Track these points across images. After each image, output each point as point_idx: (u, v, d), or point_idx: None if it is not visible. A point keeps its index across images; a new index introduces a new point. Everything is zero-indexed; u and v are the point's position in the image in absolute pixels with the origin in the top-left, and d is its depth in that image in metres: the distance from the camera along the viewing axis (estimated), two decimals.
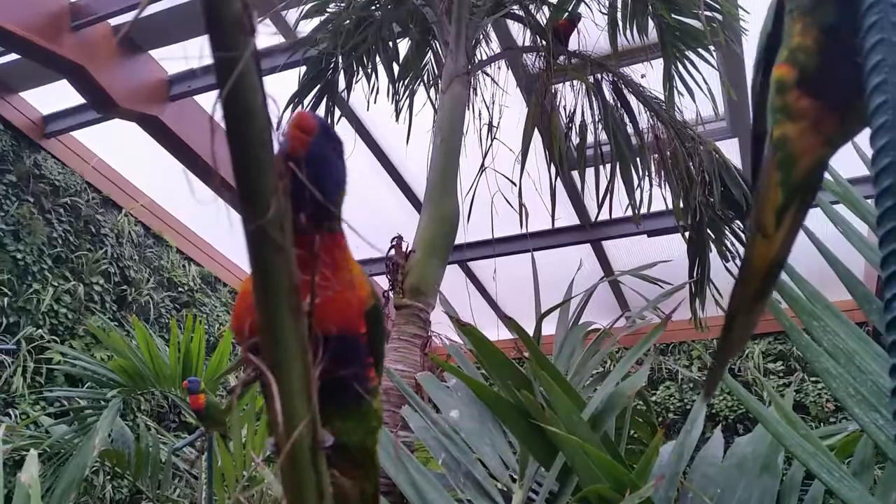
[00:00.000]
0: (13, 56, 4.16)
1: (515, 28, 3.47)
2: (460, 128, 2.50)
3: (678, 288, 1.97)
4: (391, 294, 2.29)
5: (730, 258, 3.22)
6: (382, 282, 2.41)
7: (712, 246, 3.24)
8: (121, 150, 4.87)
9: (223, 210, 0.90)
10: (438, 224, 2.37)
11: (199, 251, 5.43)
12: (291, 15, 3.70)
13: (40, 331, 4.23)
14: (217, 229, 5.31)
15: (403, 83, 3.49)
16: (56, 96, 4.54)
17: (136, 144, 4.63)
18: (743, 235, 3.19)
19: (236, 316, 0.91)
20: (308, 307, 0.73)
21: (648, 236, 4.86)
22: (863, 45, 0.68)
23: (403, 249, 2.34)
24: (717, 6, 3.18)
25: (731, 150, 4.51)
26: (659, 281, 2.58)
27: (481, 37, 2.98)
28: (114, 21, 4.16)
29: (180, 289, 5.26)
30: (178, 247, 5.28)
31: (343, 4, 3.01)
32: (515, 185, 2.85)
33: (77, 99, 4.43)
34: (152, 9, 4.06)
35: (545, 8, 3.06)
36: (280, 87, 3.73)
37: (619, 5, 3.05)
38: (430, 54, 3.43)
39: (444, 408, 1.67)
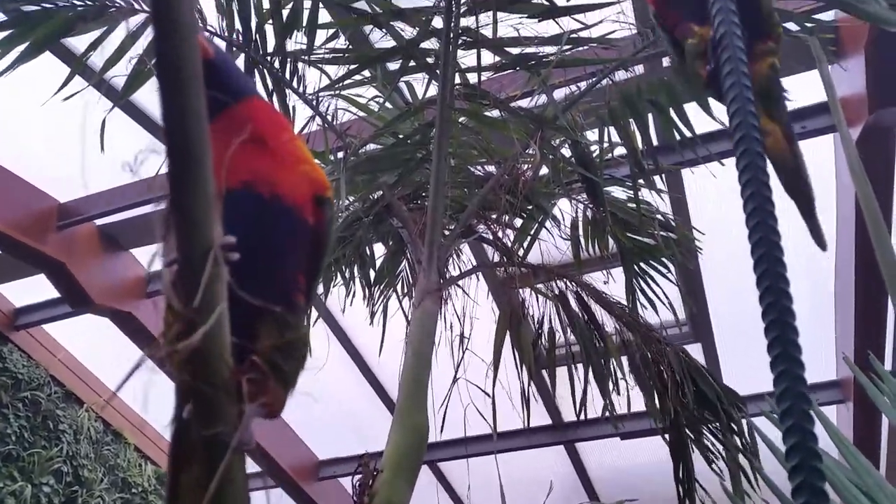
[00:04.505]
0: None
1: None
2: (431, 342, 2.56)
3: None
4: None
5: (713, 459, 3.19)
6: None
7: (693, 447, 3.22)
8: (90, 344, 4.84)
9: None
10: (408, 441, 2.35)
11: (158, 450, 5.23)
12: None
13: None
14: None
15: (379, 288, 3.61)
16: (30, 289, 4.59)
17: (106, 339, 4.63)
18: (721, 436, 3.19)
19: None
20: None
21: (622, 439, 4.82)
22: None
23: (371, 468, 2.30)
24: (672, 226, 3.44)
25: (693, 355, 4.63)
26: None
27: (453, 253, 3.16)
28: (99, 221, 4.33)
29: (134, 490, 5.00)
30: (136, 444, 5.09)
31: None
32: (489, 395, 2.88)
33: (51, 292, 4.48)
34: (137, 210, 4.25)
35: (510, 231, 3.28)
36: None
37: (581, 229, 3.28)
38: (404, 262, 3.59)
39: None
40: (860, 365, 1.61)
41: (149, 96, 3.47)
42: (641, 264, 3.38)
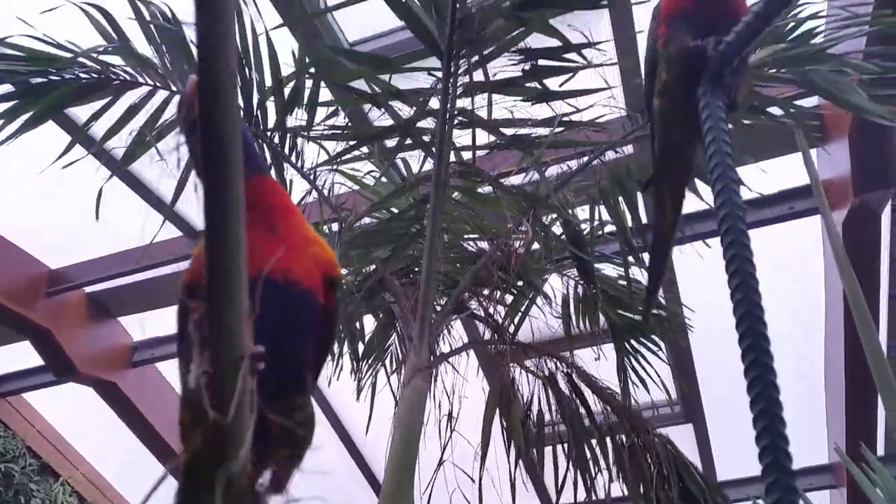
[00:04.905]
0: None
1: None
2: (420, 423, 2.52)
3: None
4: None
5: None
6: None
7: None
8: (70, 413, 4.73)
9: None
10: None
11: None
12: None
13: None
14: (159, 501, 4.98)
15: (367, 362, 3.57)
16: (13, 356, 4.51)
17: (87, 409, 4.52)
18: None
19: (192, 270, 0.86)
20: None
21: None
22: None
23: None
24: (662, 304, 3.45)
25: (685, 436, 4.57)
26: None
27: (444, 330, 3.14)
28: (89, 289, 4.30)
29: None
30: None
31: None
32: (475, 481, 2.81)
33: (34, 360, 4.40)
34: (129, 278, 4.23)
35: (501, 308, 3.28)
36: None
37: (572, 305, 3.29)
38: (394, 336, 3.56)
39: None
40: (852, 451, 1.60)
41: (144, 167, 3.52)
42: (633, 342, 3.37)
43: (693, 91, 1.31)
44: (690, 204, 3.00)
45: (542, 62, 2.41)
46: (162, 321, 4.27)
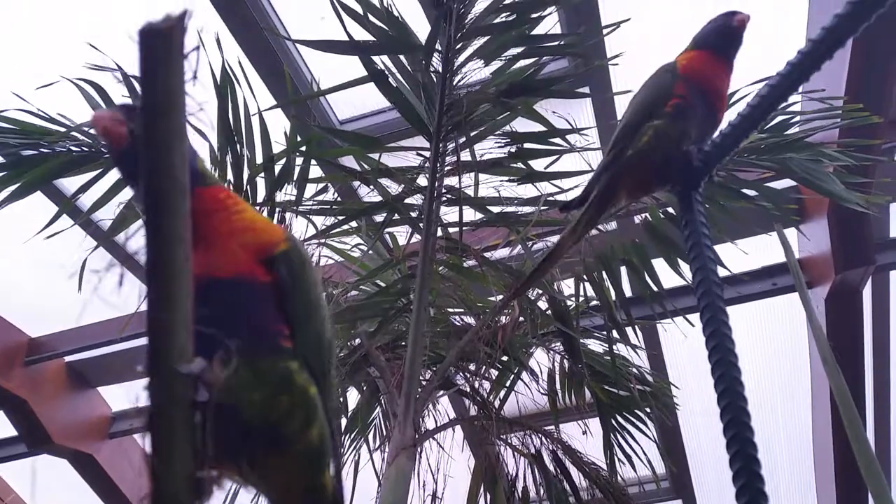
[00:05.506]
0: None
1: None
2: (404, 503, 2.46)
3: None
4: None
5: None
6: None
7: None
8: (43, 486, 4.58)
9: None
10: None
11: None
12: None
13: None
14: None
15: (349, 437, 3.50)
16: None
17: (60, 481, 4.38)
18: None
19: None
20: None
21: None
22: None
23: None
24: (648, 379, 3.43)
25: None
26: None
27: (430, 405, 3.10)
28: (69, 358, 4.23)
29: None
30: None
31: None
32: None
33: (7, 431, 4.29)
34: (110, 348, 4.16)
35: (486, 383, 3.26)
36: None
37: (558, 381, 3.27)
38: (378, 411, 3.51)
39: None
40: None
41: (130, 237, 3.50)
42: (619, 419, 3.34)
43: (659, 168, 1.39)
44: (672, 279, 3.06)
45: (527, 145, 2.47)
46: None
